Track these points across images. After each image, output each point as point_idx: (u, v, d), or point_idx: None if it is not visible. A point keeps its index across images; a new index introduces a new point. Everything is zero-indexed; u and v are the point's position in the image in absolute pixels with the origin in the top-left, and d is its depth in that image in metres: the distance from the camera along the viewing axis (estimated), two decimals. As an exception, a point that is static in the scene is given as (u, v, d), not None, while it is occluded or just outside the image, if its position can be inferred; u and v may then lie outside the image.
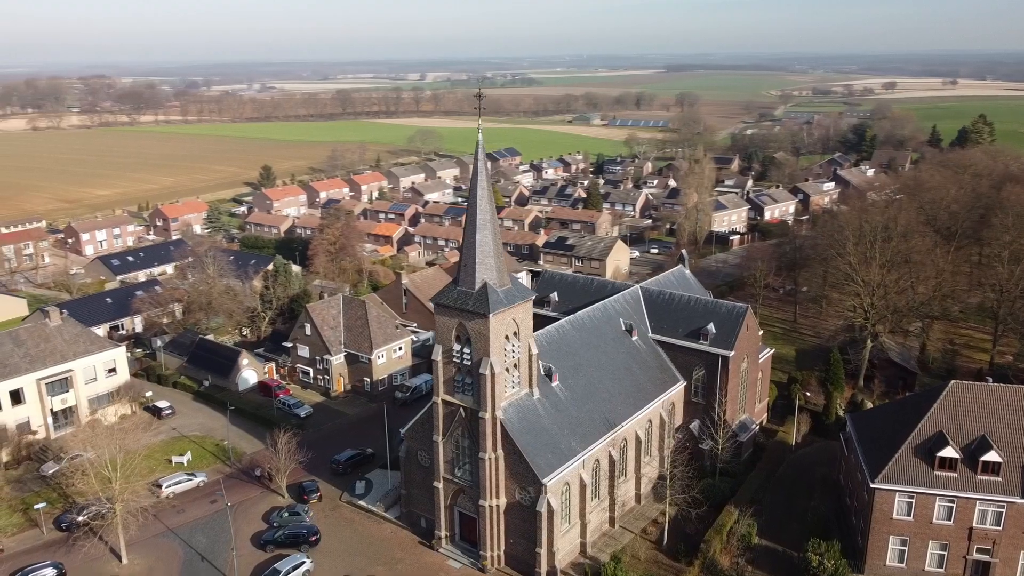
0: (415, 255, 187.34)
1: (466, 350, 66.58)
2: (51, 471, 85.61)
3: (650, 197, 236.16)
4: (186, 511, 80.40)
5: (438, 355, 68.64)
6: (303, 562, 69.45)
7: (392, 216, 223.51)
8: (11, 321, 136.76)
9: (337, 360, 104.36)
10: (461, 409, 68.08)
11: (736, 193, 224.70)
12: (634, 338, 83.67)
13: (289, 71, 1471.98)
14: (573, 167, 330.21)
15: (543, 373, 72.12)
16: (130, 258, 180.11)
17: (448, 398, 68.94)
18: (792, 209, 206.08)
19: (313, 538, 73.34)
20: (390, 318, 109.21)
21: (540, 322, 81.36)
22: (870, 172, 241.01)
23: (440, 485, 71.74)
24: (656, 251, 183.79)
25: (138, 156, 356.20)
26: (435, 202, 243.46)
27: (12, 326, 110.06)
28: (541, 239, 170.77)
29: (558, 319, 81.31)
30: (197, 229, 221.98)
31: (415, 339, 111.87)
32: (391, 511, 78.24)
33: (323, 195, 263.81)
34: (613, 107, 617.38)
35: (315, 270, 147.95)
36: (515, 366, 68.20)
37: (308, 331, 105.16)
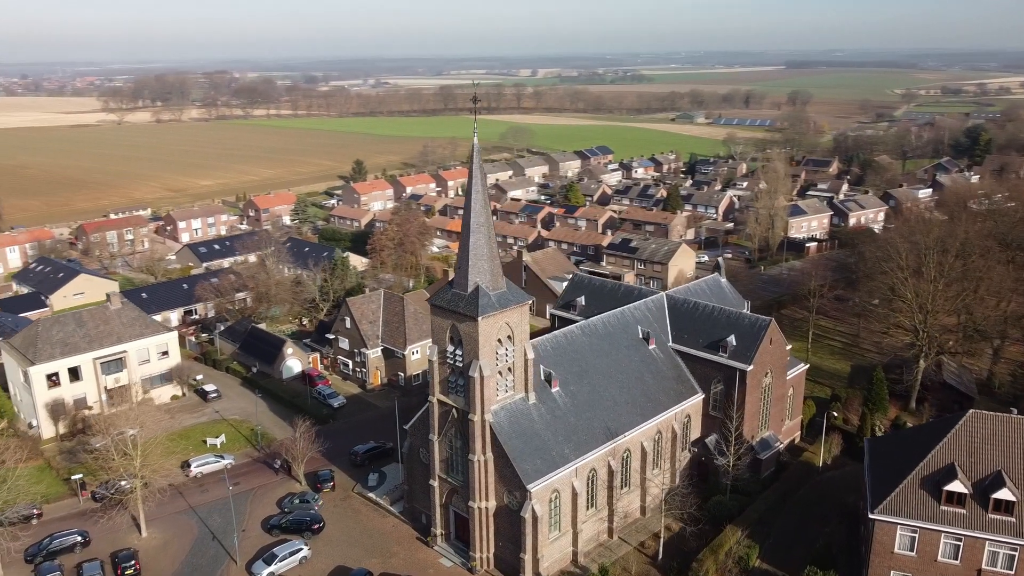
0: (523, 250, 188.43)
1: (458, 351, 67.10)
2: (98, 445, 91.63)
3: (735, 200, 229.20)
4: (209, 491, 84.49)
5: (433, 355, 69.49)
6: (300, 549, 71.86)
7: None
8: (99, 301, 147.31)
9: (374, 354, 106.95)
10: (454, 410, 68.67)
11: (824, 197, 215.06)
12: (651, 346, 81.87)
13: (405, 67, 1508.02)
14: (665, 167, 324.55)
15: (543, 378, 71.76)
16: (216, 246, 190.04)
17: (443, 398, 69.68)
18: (881, 216, 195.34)
19: (316, 526, 75.67)
20: (427, 315, 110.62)
21: (565, 326, 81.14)
22: (974, 178, 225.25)
23: (435, 484, 72.63)
24: (729, 256, 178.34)
25: (244, 148, 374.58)
26: (513, 199, 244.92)
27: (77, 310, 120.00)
28: (607, 240, 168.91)
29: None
30: (286, 220, 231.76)
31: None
32: (396, 506, 79.71)
33: (409, 190, 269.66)
34: (720, 105, 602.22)
35: (375, 264, 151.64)
36: (509, 370, 68.14)
37: (348, 324, 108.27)
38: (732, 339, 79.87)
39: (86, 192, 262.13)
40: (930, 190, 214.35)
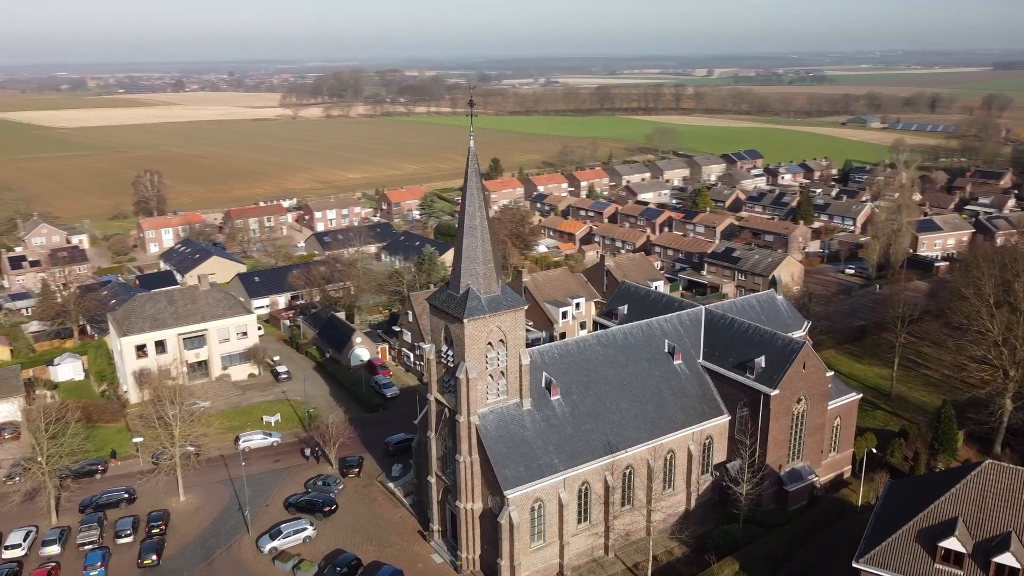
0: (592, 254, 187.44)
1: (450, 352, 67.88)
2: (171, 413, 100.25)
3: (877, 210, 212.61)
4: (251, 465, 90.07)
5: (431, 354, 70.69)
6: (305, 528, 75.43)
7: (592, 214, 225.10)
8: (225, 283, 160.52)
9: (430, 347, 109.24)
10: (446, 409, 69.54)
11: (973, 213, 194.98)
12: (676, 362, 78.56)
13: (579, 66, 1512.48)
14: (817, 173, 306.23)
15: (543, 385, 70.98)
16: (340, 236, 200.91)
17: (439, 397, 70.73)
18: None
19: (327, 508, 79.05)
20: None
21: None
22: None
23: (433, 480, 73.85)
24: (852, 271, 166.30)
25: (396, 144, 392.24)
26: (639, 202, 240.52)
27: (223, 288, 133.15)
28: (712, 248, 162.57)
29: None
30: (416, 215, 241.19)
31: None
32: (408, 498, 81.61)
33: (540, 189, 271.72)
34: (900, 109, 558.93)
35: None
36: (502, 374, 68.02)
37: (411, 317, 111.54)
38: (762, 360, 75.17)
39: (246, 181, 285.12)
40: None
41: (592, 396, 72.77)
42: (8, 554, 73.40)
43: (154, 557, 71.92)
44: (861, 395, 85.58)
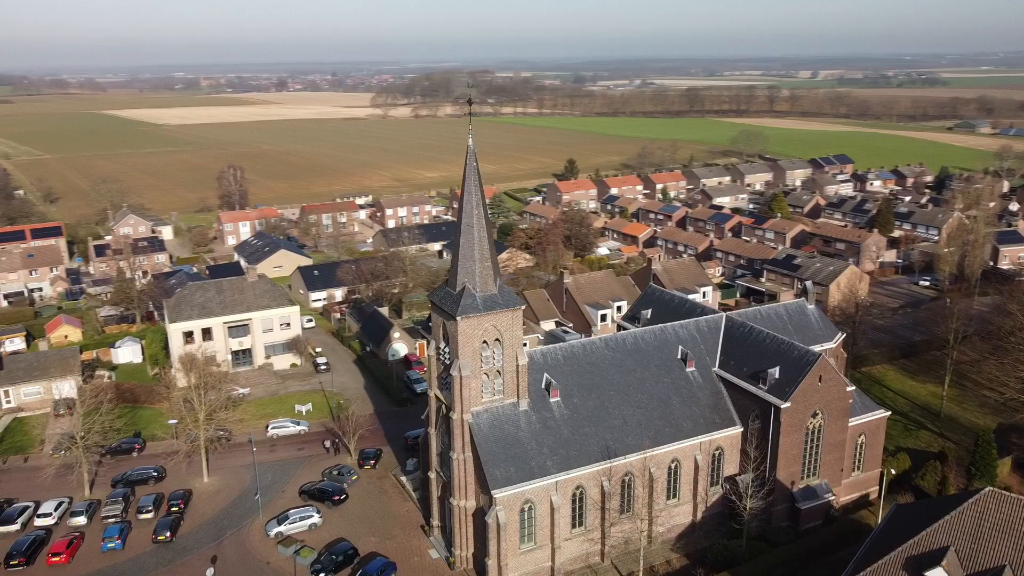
0: (655, 257, 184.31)
1: (447, 349, 68.26)
2: (197, 398, 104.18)
3: (967, 220, 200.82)
4: (276, 451, 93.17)
5: (432, 350, 71.27)
6: (312, 516, 77.30)
7: (661, 217, 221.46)
8: (286, 277, 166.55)
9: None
10: (443, 406, 69.96)
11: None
12: (688, 369, 76.52)
13: (678, 68, 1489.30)
14: (910, 180, 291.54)
15: (542, 387, 70.47)
16: (405, 234, 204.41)
17: (437, 393, 71.25)
18: None
19: (336, 497, 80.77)
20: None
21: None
22: None
23: (433, 476, 74.44)
24: (926, 283, 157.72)
25: (478, 144, 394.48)
26: (713, 207, 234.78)
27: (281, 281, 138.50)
28: (773, 255, 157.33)
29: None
30: (490, 213, 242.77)
31: (540, 339, 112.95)
32: (418, 492, 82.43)
33: (614, 191, 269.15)
34: (1015, 114, 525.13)
35: (538, 261, 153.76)
36: (498, 373, 67.88)
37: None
38: (776, 371, 72.37)
39: (326, 177, 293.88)
40: None
41: (594, 399, 71.71)
42: (39, 522, 78.18)
43: (168, 534, 75.13)
44: (889, 412, 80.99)
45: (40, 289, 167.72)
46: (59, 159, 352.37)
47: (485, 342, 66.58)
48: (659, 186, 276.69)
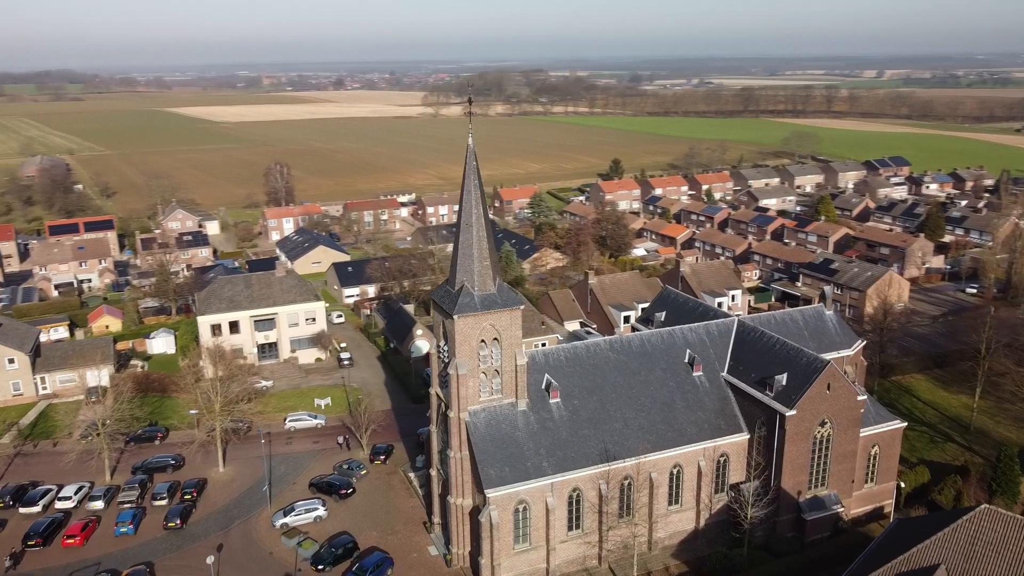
0: (691, 259, 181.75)
1: (446, 348, 68.49)
2: (212, 389, 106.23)
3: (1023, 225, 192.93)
4: (292, 444, 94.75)
5: (433, 348, 71.61)
6: (316, 508, 78.44)
7: (703, 218, 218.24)
8: (324, 272, 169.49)
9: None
10: (442, 404, 70.23)
11: None
12: (695, 373, 75.26)
13: (738, 67, 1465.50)
14: (969, 183, 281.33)
15: (543, 387, 70.18)
16: (444, 232, 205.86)
17: (437, 391, 71.57)
18: None
19: (343, 491, 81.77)
20: (538, 315, 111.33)
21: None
22: None
23: (434, 473, 74.81)
24: (973, 291, 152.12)
25: (525, 143, 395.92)
26: (759, 209, 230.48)
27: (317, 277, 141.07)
28: (811, 259, 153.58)
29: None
30: (527, 212, 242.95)
31: (559, 339, 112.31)
32: (423, 488, 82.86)
33: (658, 191, 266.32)
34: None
35: (573, 261, 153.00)
36: (496, 372, 67.84)
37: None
38: (783, 378, 70.72)
39: (372, 175, 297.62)
40: None
41: (595, 402, 71.10)
42: (60, 505, 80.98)
43: (178, 521, 77.07)
44: (905, 424, 78.26)
45: (89, 280, 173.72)
46: (119, 155, 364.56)
47: (483, 341, 66.62)
48: (704, 187, 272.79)
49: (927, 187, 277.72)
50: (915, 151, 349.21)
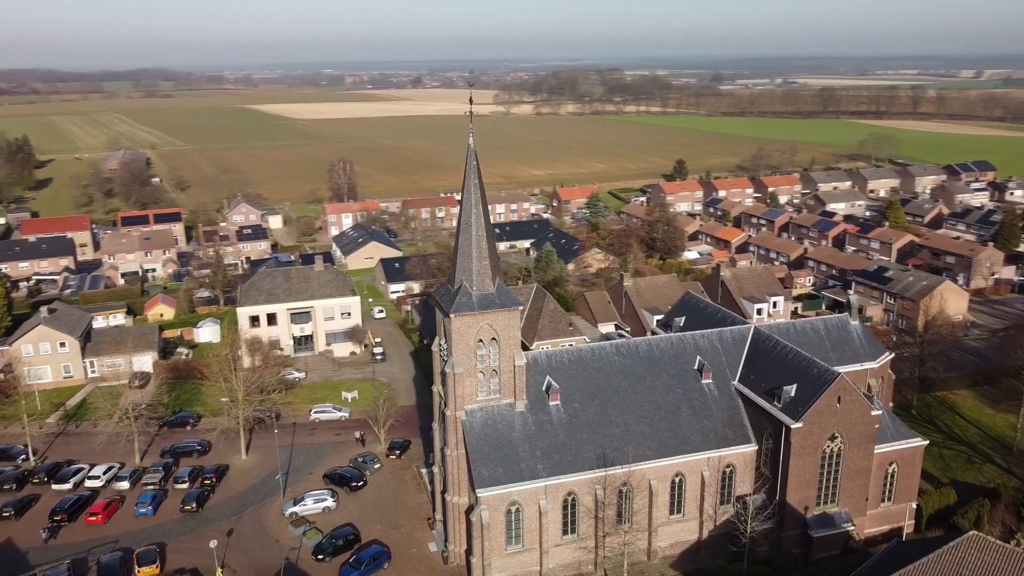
0: (745, 263, 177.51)
1: (445, 346, 68.84)
2: (235, 379, 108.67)
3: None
4: (316, 435, 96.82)
5: (436, 346, 72.09)
6: (325, 499, 79.99)
7: (763, 222, 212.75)
8: (371, 269, 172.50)
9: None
10: (443, 401, 70.61)
11: None
12: (705, 380, 73.50)
13: (824, 66, 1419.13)
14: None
15: (543, 389, 69.79)
16: (497, 231, 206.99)
17: (438, 389, 72.01)
18: None
19: (354, 483, 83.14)
20: (566, 316, 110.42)
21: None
22: None
23: (436, 470, 75.28)
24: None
25: (591, 142, 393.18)
26: (825, 214, 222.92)
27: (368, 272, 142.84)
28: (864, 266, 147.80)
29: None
30: (584, 212, 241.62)
31: (587, 340, 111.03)
32: (432, 484, 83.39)
33: (721, 193, 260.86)
34: None
35: (621, 262, 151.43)
36: (494, 372, 67.82)
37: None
38: (792, 389, 68.42)
39: (435, 172, 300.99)
40: None
41: (596, 406, 70.26)
42: (89, 483, 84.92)
43: (194, 505, 79.79)
44: (927, 441, 74.47)
45: (153, 270, 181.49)
46: (198, 150, 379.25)
47: (481, 341, 66.64)
48: (770, 189, 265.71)
49: (1011, 194, 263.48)
50: (1004, 156, 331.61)
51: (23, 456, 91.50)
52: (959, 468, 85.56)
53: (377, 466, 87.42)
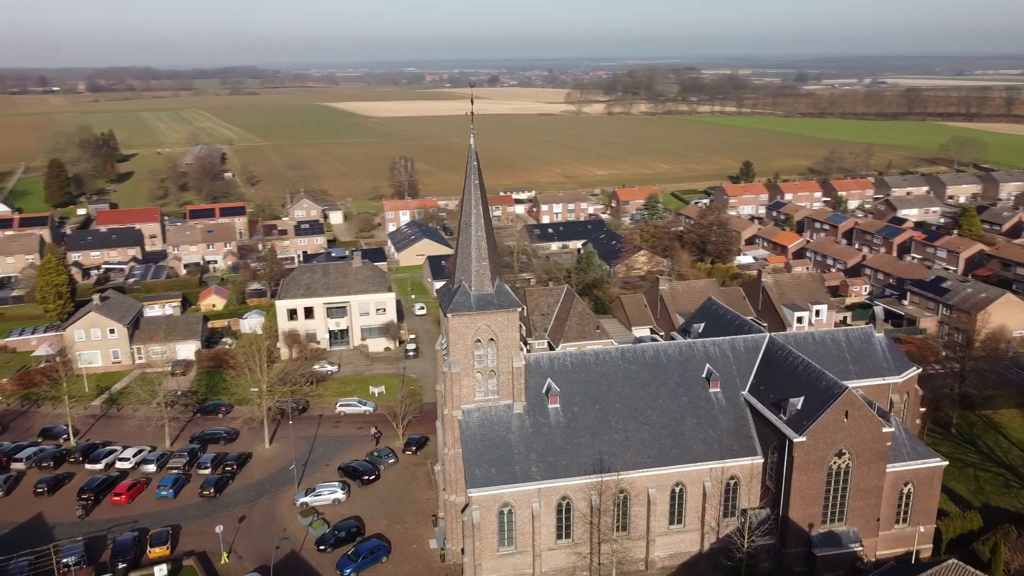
0: (800, 269, 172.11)
1: (445, 346, 69.26)
2: (259, 370, 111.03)
3: None
4: (339, 428, 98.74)
5: (438, 345, 72.59)
6: (336, 491, 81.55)
7: (827, 227, 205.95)
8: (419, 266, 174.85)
9: (538, 344, 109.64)
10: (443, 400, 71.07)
11: None
12: (712, 389, 71.77)
13: (919, 65, 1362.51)
14: None
15: (543, 391, 69.44)
16: (550, 230, 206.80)
17: (440, 387, 72.46)
18: None
19: (366, 477, 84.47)
20: (593, 318, 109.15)
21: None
22: None
23: (439, 468, 75.78)
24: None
25: (660, 143, 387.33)
26: (894, 220, 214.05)
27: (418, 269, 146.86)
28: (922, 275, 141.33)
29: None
30: (643, 214, 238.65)
31: (615, 343, 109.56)
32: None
33: (787, 196, 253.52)
34: None
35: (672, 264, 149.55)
36: (492, 372, 67.85)
37: (524, 312, 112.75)
38: (799, 402, 66.20)
39: (499, 171, 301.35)
40: None
41: (596, 410, 69.47)
42: (119, 465, 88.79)
43: (212, 490, 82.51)
44: (947, 462, 70.63)
45: (215, 262, 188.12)
46: (272, 146, 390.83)
47: (479, 341, 66.74)
48: (840, 193, 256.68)
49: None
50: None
51: (65, 436, 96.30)
52: (994, 492, 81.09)
53: (392, 461, 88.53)
